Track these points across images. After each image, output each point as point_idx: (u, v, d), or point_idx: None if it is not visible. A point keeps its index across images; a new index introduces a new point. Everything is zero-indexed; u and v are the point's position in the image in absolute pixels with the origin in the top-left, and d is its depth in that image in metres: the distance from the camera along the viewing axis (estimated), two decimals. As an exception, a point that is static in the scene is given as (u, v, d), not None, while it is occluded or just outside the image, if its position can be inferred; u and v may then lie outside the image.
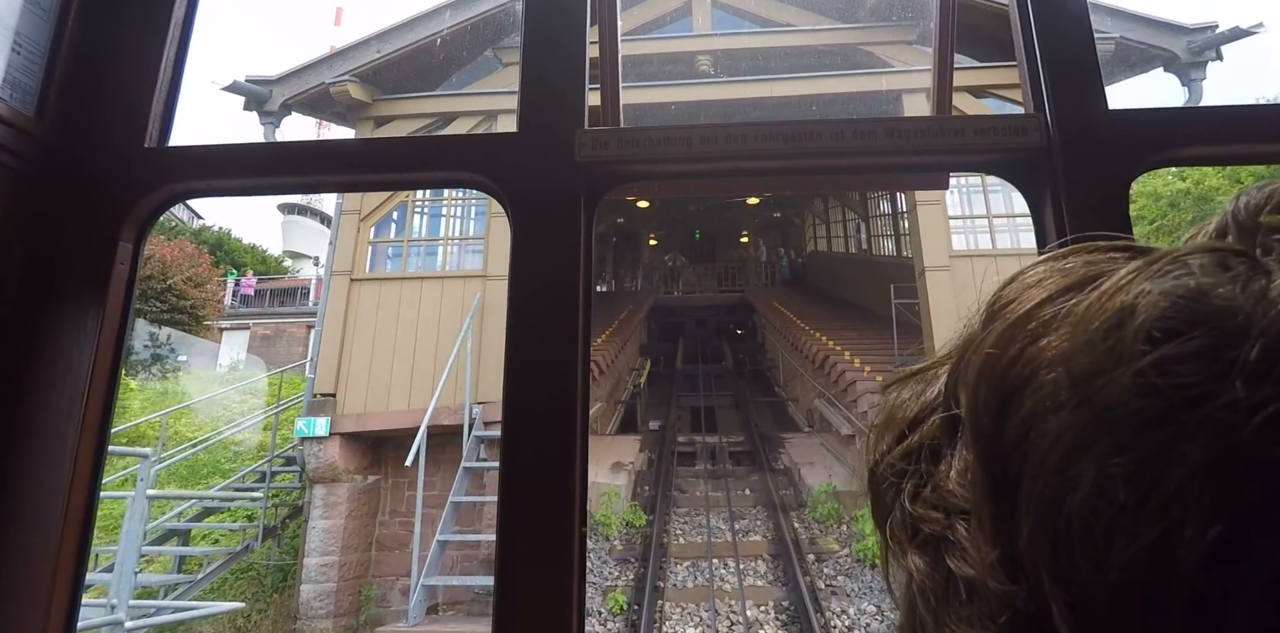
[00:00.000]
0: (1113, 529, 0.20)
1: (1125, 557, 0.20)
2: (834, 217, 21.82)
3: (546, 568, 0.86)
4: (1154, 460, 0.19)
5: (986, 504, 0.24)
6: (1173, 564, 0.19)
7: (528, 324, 0.91)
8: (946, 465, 0.28)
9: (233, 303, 21.20)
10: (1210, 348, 0.20)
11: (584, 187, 0.91)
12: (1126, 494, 0.20)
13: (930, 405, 0.30)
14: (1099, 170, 0.99)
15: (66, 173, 0.88)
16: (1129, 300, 0.22)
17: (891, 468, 0.31)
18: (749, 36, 10.41)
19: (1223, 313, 0.20)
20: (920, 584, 0.27)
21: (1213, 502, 0.18)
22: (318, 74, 9.49)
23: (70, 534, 0.88)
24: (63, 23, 0.90)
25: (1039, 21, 1.04)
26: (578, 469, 0.90)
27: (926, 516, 0.27)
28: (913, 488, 0.29)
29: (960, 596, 0.25)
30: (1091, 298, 0.23)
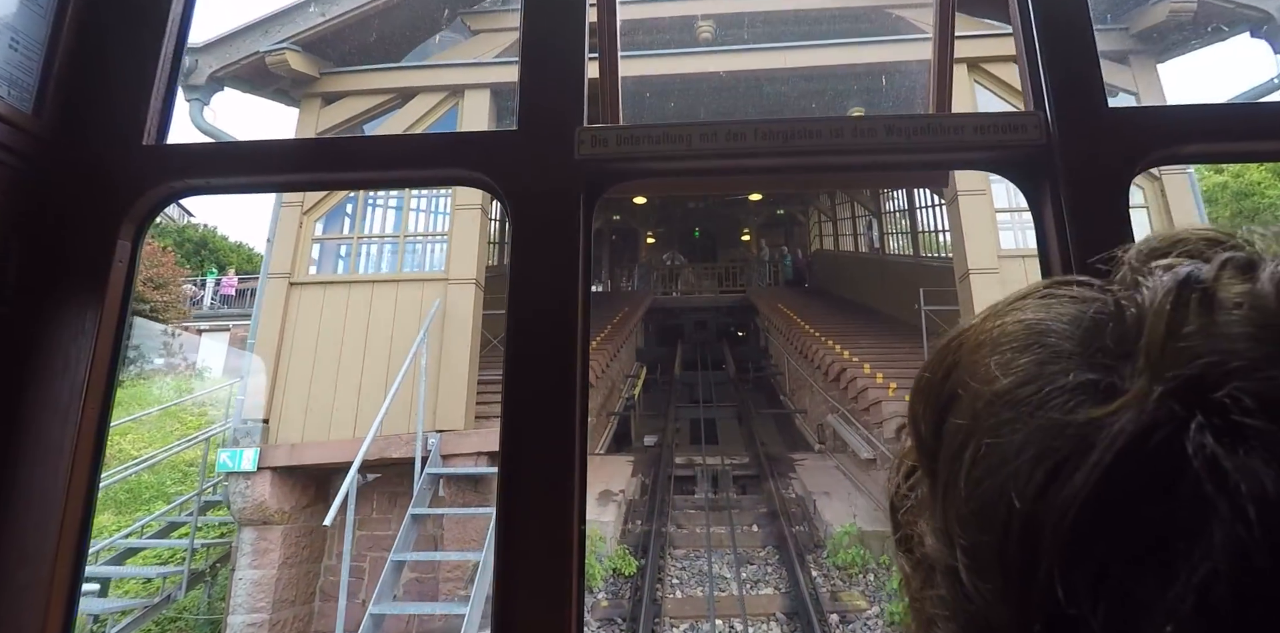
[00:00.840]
0: (980, 491, 0.30)
1: (986, 510, 0.29)
2: (842, 213, 22.05)
3: (545, 568, 1.00)
4: (1002, 444, 0.29)
5: (927, 494, 0.35)
6: (1010, 504, 0.28)
7: (527, 321, 1.05)
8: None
9: (213, 303, 22.27)
10: (1041, 362, 0.31)
11: (583, 184, 1.01)
12: (988, 465, 0.30)
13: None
14: (1099, 168, 1.14)
15: (64, 170, 0.98)
16: (1013, 320, 0.33)
17: (901, 499, 0.41)
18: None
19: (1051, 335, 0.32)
20: (906, 579, 0.38)
21: (1034, 453, 0.28)
22: (252, 41, 8.90)
23: (69, 533, 1.00)
24: (60, 20, 0.99)
25: (1039, 19, 1.19)
26: (577, 470, 1.04)
27: (909, 521, 0.38)
28: (909, 505, 0.39)
29: (927, 574, 0.35)
30: (979, 325, 0.35)
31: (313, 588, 8.56)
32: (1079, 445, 0.27)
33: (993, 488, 0.29)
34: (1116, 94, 8.84)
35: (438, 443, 8.19)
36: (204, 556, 8.96)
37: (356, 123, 9.51)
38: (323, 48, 9.30)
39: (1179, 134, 1.10)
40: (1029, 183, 1.09)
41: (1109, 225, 1.06)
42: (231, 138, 8.90)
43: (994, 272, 8.22)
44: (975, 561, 0.30)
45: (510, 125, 3.65)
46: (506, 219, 7.63)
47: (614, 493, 9.39)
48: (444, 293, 8.92)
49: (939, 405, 0.34)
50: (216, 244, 25.98)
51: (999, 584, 0.29)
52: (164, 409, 12.04)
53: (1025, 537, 0.28)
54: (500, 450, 0.98)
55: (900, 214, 17.70)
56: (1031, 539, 0.28)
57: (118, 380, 0.99)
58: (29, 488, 0.95)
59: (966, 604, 0.31)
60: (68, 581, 0.95)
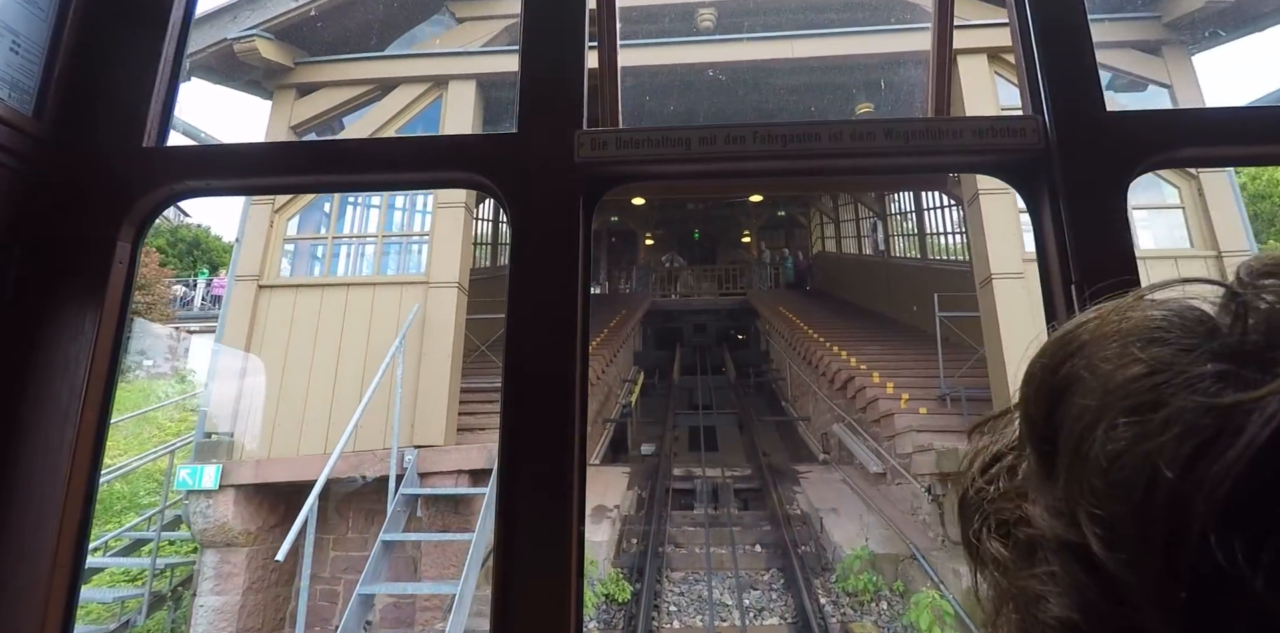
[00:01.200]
0: (1119, 465, 0.33)
1: (1128, 481, 0.32)
2: (845, 215, 22.19)
3: (545, 569, 1.07)
4: (1143, 421, 0.33)
5: (1036, 476, 0.38)
6: (1157, 475, 0.32)
7: (527, 324, 1.12)
8: (1017, 472, 0.42)
9: (203, 304, 22.91)
10: (1175, 353, 0.34)
11: (582, 187, 1.06)
12: (1127, 441, 0.33)
13: (1010, 445, 0.44)
14: (1097, 172, 1.21)
15: (65, 172, 1.03)
16: (1140, 316, 0.37)
17: (979, 492, 0.45)
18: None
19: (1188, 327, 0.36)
20: (997, 560, 0.41)
21: (1180, 431, 0.32)
22: (219, 28, 8.73)
23: (68, 533, 1.05)
24: (61, 23, 1.04)
25: (1037, 23, 1.27)
26: (576, 472, 1.11)
27: (1002, 508, 0.41)
28: (994, 496, 0.43)
29: (1028, 554, 0.38)
30: (1104, 317, 0.39)
31: (282, 614, 8.21)
32: (1228, 424, 0.31)
33: (1135, 461, 0.33)
34: (1145, 87, 8.76)
35: (415, 460, 7.87)
36: (168, 576, 8.60)
37: (334, 116, 9.38)
38: (297, 36, 9.07)
39: (1178, 138, 1.17)
40: (1027, 186, 1.17)
41: (1108, 229, 1.13)
42: (199, 131, 8.97)
43: (1019, 276, 7.91)
44: (1111, 530, 0.33)
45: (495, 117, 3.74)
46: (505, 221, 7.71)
47: (608, 509, 9.19)
48: (424, 297, 8.68)
49: (1055, 389, 0.38)
50: (210, 244, 26.89)
51: (1137, 552, 0.32)
52: (141, 414, 11.98)
53: (1175, 505, 0.31)
54: (499, 452, 1.05)
55: (902, 216, 17.75)
56: (1182, 507, 0.31)
57: (117, 381, 1.05)
58: (28, 488, 1.01)
59: (1087, 577, 0.35)
60: (67, 581, 1.01)
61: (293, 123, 9.22)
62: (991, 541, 0.42)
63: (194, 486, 7.83)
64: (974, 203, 8.66)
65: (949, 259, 14.85)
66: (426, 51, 9.74)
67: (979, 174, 1.14)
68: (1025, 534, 0.39)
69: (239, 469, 7.96)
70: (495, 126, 9.77)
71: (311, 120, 9.32)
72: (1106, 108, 1.18)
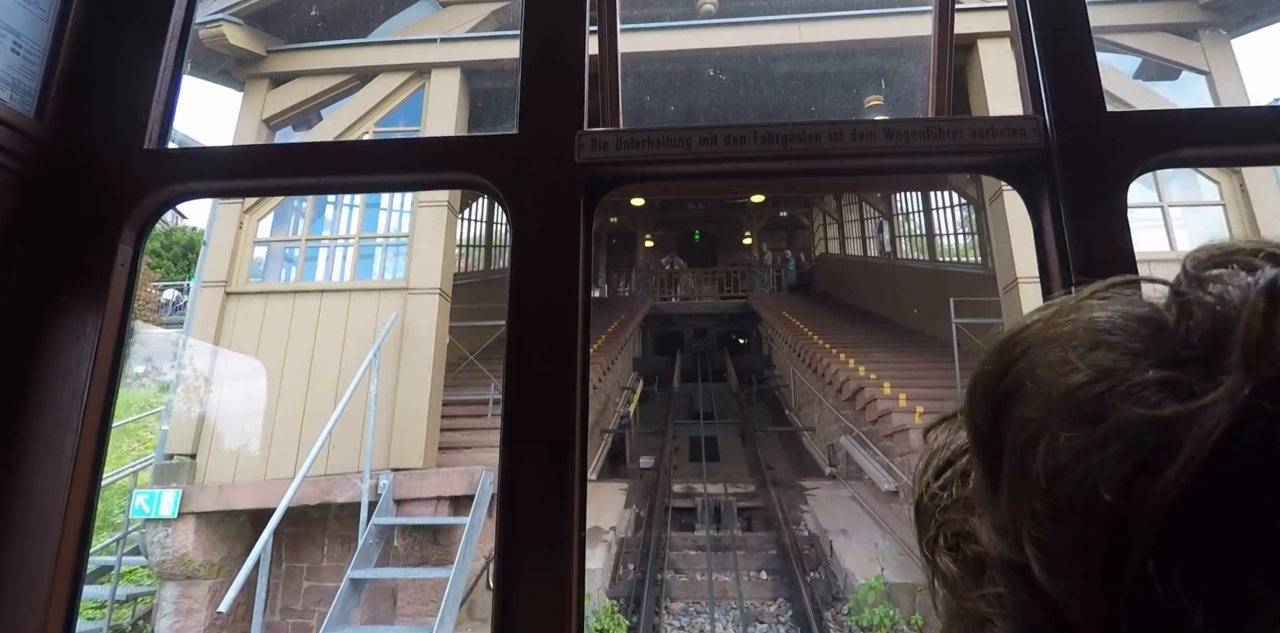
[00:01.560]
0: (1059, 484, 0.32)
1: (1067, 502, 0.32)
2: (849, 215, 22.27)
3: (546, 573, 1.14)
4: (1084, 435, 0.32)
5: (982, 488, 0.37)
6: (1096, 497, 0.31)
7: (527, 326, 1.19)
8: (969, 479, 0.42)
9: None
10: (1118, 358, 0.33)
11: (583, 188, 1.10)
12: (1067, 458, 0.32)
13: (964, 448, 0.44)
14: (1097, 172, 1.28)
15: (66, 174, 1.07)
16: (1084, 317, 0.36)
17: (933, 498, 0.45)
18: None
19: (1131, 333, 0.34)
20: (946, 577, 0.41)
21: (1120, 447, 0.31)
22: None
23: (69, 537, 1.09)
24: (62, 24, 1.08)
25: (1038, 22, 1.33)
26: (576, 474, 1.18)
27: (951, 519, 0.41)
28: (944, 506, 0.43)
29: (976, 573, 0.38)
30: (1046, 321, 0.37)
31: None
32: (1167, 440, 0.30)
33: (1073, 481, 0.32)
34: (1178, 75, 8.45)
35: (390, 485, 7.41)
36: (131, 607, 8.29)
37: (310, 107, 9.18)
38: (269, 22, 8.83)
39: (1178, 138, 1.24)
40: (1027, 187, 1.24)
41: (1108, 229, 1.20)
42: (176, 131, 8.92)
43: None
44: (1050, 555, 0.32)
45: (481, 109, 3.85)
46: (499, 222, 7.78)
47: (604, 531, 9.00)
48: (403, 304, 8.31)
49: (999, 398, 0.37)
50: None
51: (1078, 579, 0.31)
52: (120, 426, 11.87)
53: (1113, 530, 0.30)
54: (500, 455, 1.12)
55: (908, 216, 17.78)
56: (1120, 532, 0.30)
57: (119, 384, 1.13)
58: (29, 492, 1.08)
59: (1032, 601, 0.34)
60: (67, 586, 1.07)
61: (266, 115, 8.99)
62: (942, 555, 0.42)
63: (151, 513, 7.41)
64: (996, 201, 8.47)
65: (960, 262, 14.84)
66: (407, 38, 9.41)
67: (980, 175, 1.23)
68: (972, 551, 0.39)
69: (200, 494, 7.49)
70: (480, 118, 9.59)
71: (286, 113, 9.10)
72: (1109, 107, 1.26)
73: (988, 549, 0.37)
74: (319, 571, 7.97)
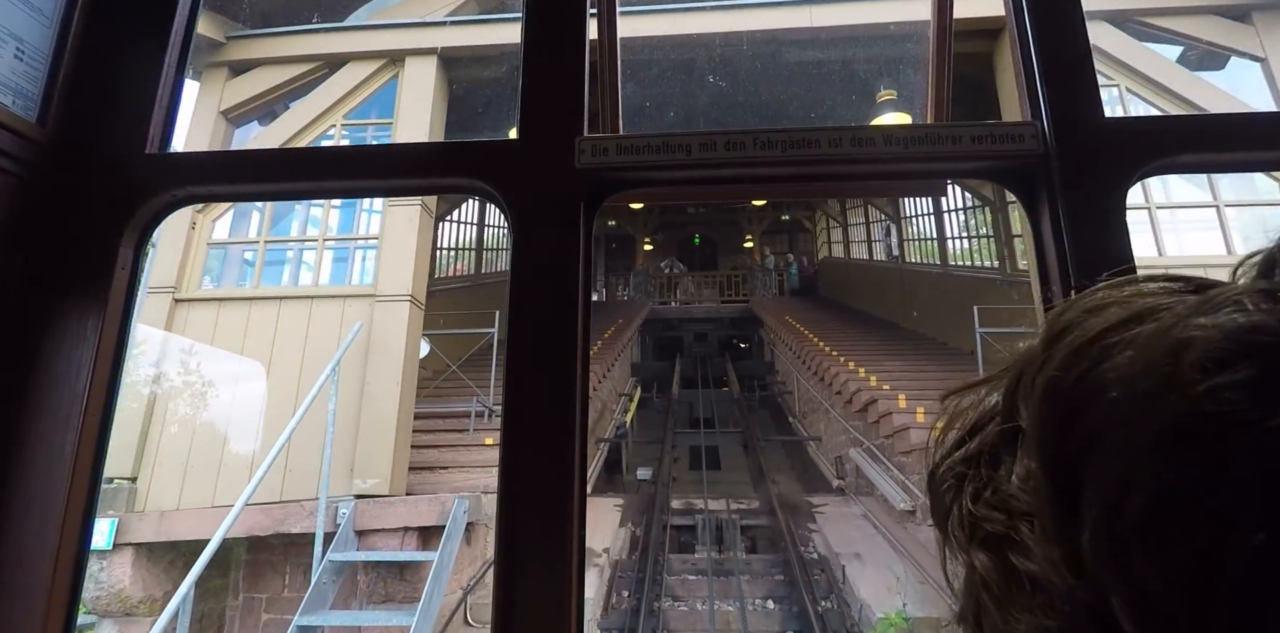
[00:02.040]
0: (1168, 534, 0.29)
1: (1179, 559, 0.29)
2: (854, 218, 22.05)
3: (545, 572, 1.16)
4: (1206, 475, 0.29)
5: (1049, 508, 0.34)
6: (1221, 567, 0.28)
7: (527, 331, 1.21)
8: (1006, 471, 0.38)
9: None
10: (1258, 378, 0.29)
11: (583, 193, 1.12)
12: (1181, 503, 0.29)
13: (989, 414, 0.42)
14: (1096, 177, 1.30)
15: (68, 178, 1.10)
16: (1185, 334, 0.32)
17: (951, 471, 0.42)
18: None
19: (1271, 348, 0.30)
20: (984, 578, 0.38)
21: (1257, 513, 0.28)
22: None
23: (69, 539, 1.10)
24: (65, 29, 1.11)
25: (1035, 29, 1.36)
26: (576, 476, 1.20)
27: (989, 516, 0.38)
28: (973, 491, 0.40)
29: (1024, 587, 0.35)
30: (1151, 329, 0.33)
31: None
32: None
33: (1197, 554, 0.29)
34: (1225, 63, 7.86)
35: (351, 515, 6.65)
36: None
37: (274, 98, 8.68)
38: (229, 5, 8.39)
39: (1177, 144, 1.26)
40: (1026, 193, 1.26)
41: (1107, 235, 1.22)
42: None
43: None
44: (1153, 622, 0.30)
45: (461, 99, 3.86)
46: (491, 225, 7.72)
47: (596, 554, 8.61)
48: (371, 312, 7.66)
49: (1080, 418, 0.34)
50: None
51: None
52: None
53: (1240, 610, 0.27)
54: (500, 458, 1.14)
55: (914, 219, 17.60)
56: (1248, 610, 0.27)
57: (120, 387, 1.15)
58: (30, 494, 1.09)
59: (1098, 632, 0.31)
60: (67, 587, 1.09)
61: (224, 107, 8.45)
62: (975, 550, 0.39)
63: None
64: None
65: (974, 266, 14.55)
66: (378, 22, 8.73)
67: (979, 180, 1.25)
68: (1024, 567, 0.36)
69: (139, 523, 6.77)
70: (460, 109, 9.11)
71: (247, 104, 8.56)
72: (1107, 113, 1.28)
73: (1049, 577, 0.34)
74: (279, 602, 7.20)
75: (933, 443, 0.46)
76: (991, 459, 0.41)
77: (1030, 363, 0.38)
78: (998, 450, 0.40)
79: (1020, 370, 0.39)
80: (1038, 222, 1.25)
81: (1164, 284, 0.39)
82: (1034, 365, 0.38)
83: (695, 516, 10.26)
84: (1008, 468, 0.39)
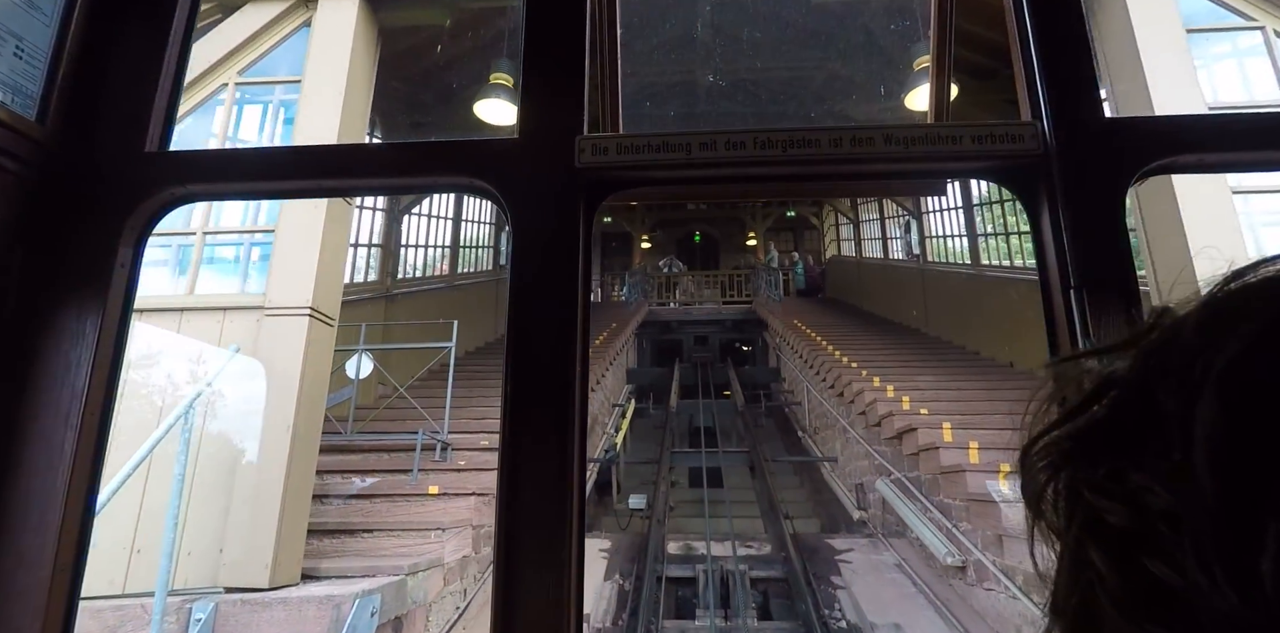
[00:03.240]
0: None
1: None
2: (867, 214, 21.59)
3: (545, 570, 1.21)
4: None
5: (1214, 518, 0.29)
6: None
7: (527, 330, 1.26)
8: (1136, 458, 0.33)
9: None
10: None
11: (583, 192, 1.18)
12: None
13: (1110, 385, 0.37)
14: (1097, 177, 1.35)
15: (68, 176, 1.14)
16: None
17: (1054, 448, 0.38)
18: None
19: None
20: (1104, 576, 0.33)
21: None
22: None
23: (68, 537, 1.16)
24: (65, 28, 1.15)
25: (1036, 29, 1.40)
26: (576, 475, 1.25)
27: (1109, 508, 0.33)
28: (1088, 476, 0.35)
29: (1158, 597, 0.31)
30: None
31: None
32: None
33: None
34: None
35: (208, 620, 4.81)
36: None
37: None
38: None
39: (1177, 144, 1.32)
40: (1027, 192, 1.31)
41: (1107, 234, 1.28)
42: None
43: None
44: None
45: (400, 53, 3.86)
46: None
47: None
48: (257, 329, 6.12)
49: (1271, 399, 0.30)
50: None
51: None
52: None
53: None
54: (500, 456, 1.19)
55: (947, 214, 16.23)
56: None
57: (119, 386, 1.19)
58: (29, 492, 1.14)
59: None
60: (66, 585, 1.14)
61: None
62: (1091, 547, 0.35)
63: None
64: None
65: (1012, 266, 13.33)
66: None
67: (979, 180, 1.31)
68: (1161, 573, 0.31)
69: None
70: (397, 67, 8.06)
71: None
72: (1108, 113, 1.34)
73: (1205, 599, 0.30)
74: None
75: (1031, 413, 0.41)
76: (1110, 439, 0.36)
77: (1181, 333, 0.34)
78: (1120, 430, 0.36)
79: (1166, 339, 0.35)
80: (1038, 221, 1.30)
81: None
82: (1197, 339, 0.33)
83: (696, 566, 8.86)
84: (1138, 454, 0.34)
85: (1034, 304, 1.29)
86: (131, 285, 1.17)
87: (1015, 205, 13.61)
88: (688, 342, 22.37)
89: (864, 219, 22.14)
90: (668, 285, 24.76)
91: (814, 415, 14.28)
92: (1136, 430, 0.34)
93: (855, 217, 22.51)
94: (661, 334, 22.33)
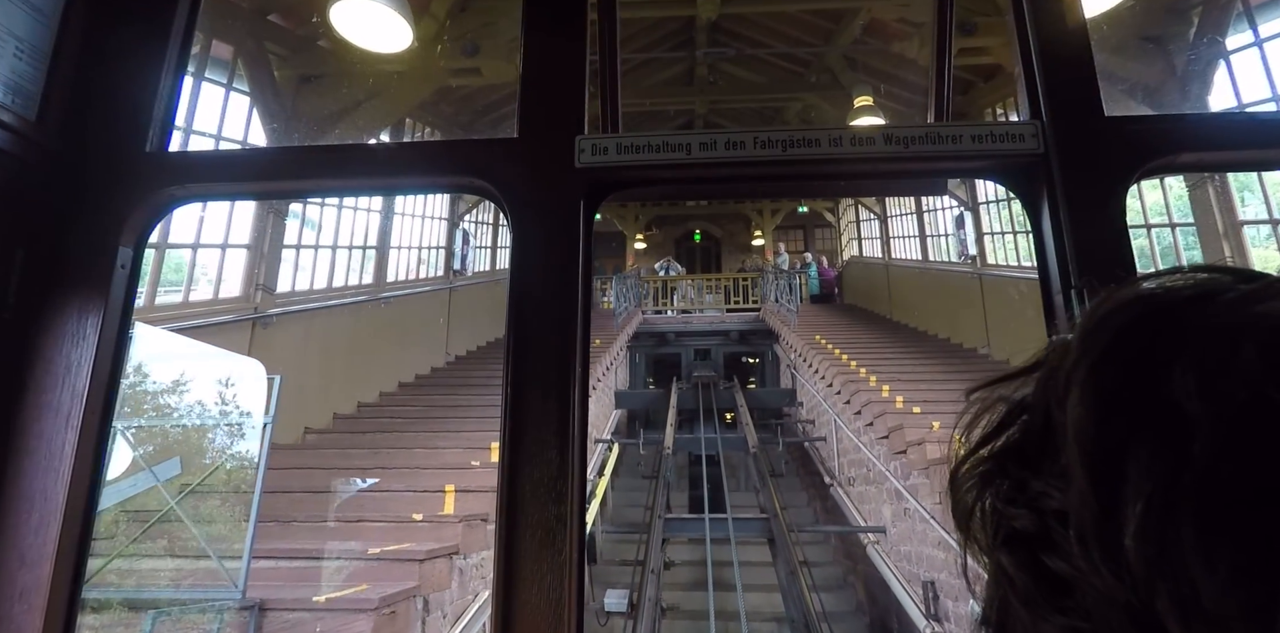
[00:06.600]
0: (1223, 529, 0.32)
1: (1235, 556, 0.32)
2: (897, 208, 20.35)
3: (545, 570, 1.38)
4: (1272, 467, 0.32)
5: (1088, 505, 0.37)
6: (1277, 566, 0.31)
7: (527, 329, 1.43)
8: (1036, 467, 0.42)
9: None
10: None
11: (583, 192, 1.33)
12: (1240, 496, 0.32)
13: (1018, 409, 0.45)
14: (1096, 176, 1.51)
15: (68, 177, 1.29)
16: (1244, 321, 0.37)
17: (976, 468, 0.46)
18: None
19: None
20: (1011, 578, 0.42)
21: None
22: None
23: (68, 537, 1.31)
24: (64, 29, 1.30)
25: (1037, 29, 1.55)
26: (575, 475, 1.41)
27: (1017, 514, 0.42)
28: (1000, 489, 0.44)
29: (1055, 588, 0.39)
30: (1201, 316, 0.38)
31: None
32: None
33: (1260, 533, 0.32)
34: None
35: None
36: None
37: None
38: None
39: (1176, 143, 1.48)
40: (1027, 191, 1.49)
41: (1107, 234, 1.44)
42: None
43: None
44: (1200, 614, 0.33)
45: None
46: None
47: None
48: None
49: (1117, 398, 0.38)
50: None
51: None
52: None
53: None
54: (499, 457, 1.36)
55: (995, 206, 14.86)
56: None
57: (120, 386, 1.36)
58: (29, 492, 1.30)
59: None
60: (67, 585, 1.30)
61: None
62: (999, 552, 0.43)
63: None
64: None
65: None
66: None
67: (980, 179, 1.49)
68: (1055, 566, 0.39)
69: None
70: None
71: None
72: (1107, 112, 1.52)
73: (1086, 578, 0.37)
74: None
75: (957, 440, 0.49)
76: (1019, 456, 0.44)
77: (1065, 354, 0.42)
78: (1027, 446, 0.44)
79: (1055, 362, 0.43)
80: (1038, 220, 1.47)
81: (1208, 275, 0.42)
82: (1070, 357, 0.41)
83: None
84: (1038, 464, 0.42)
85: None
86: (132, 286, 1.33)
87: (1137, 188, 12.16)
88: (687, 356, 21.73)
89: (893, 214, 21.73)
90: (665, 291, 24.49)
91: (846, 461, 12.53)
92: (1039, 445, 0.43)
93: (883, 211, 22.26)
94: (657, 348, 21.78)
